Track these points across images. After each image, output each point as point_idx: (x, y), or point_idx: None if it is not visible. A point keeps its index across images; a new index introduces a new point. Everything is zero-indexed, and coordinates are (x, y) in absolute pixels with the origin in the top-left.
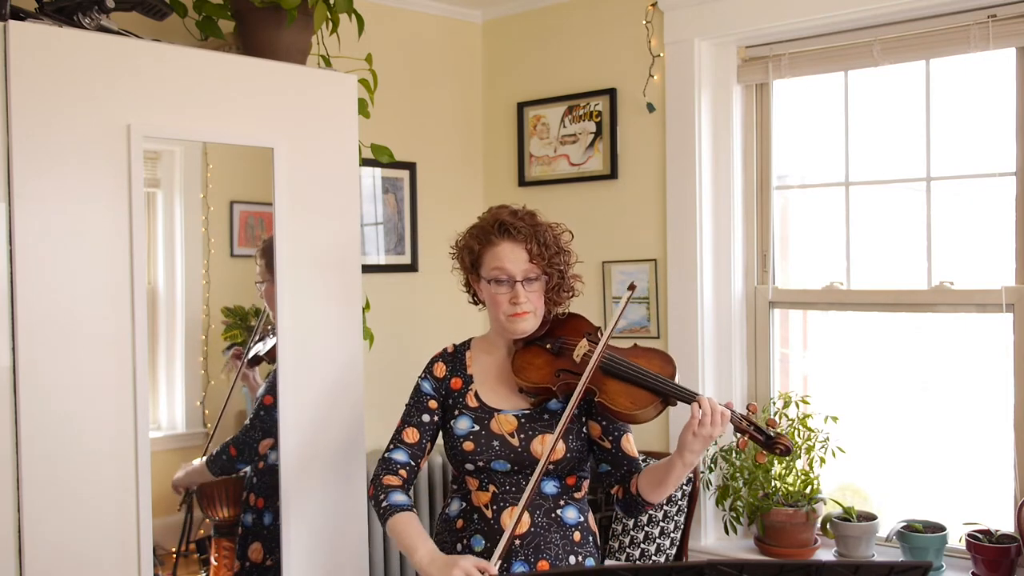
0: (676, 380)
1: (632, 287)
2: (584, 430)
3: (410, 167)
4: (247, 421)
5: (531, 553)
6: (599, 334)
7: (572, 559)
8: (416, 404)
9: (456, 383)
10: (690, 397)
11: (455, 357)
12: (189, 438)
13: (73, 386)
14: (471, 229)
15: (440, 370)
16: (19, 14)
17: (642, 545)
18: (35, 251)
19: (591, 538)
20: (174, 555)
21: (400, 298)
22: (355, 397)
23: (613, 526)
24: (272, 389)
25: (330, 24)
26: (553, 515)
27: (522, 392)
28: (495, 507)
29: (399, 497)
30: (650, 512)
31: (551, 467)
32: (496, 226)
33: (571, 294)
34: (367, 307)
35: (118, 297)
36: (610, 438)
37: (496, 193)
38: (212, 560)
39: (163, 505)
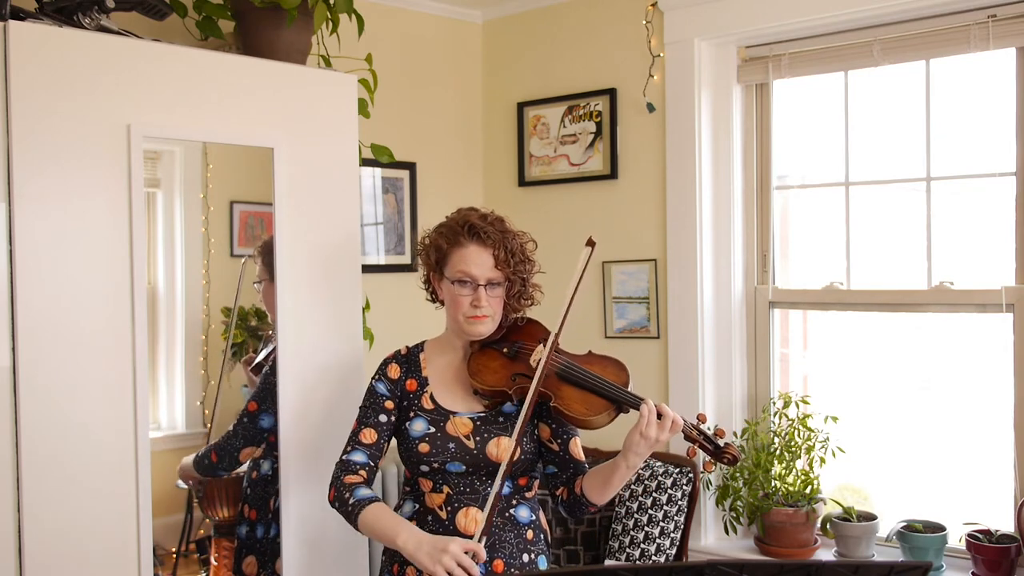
0: (630, 387)
1: (591, 243)
2: (535, 432)
3: (410, 167)
4: (230, 427)
5: (486, 552)
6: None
7: (525, 557)
8: (372, 405)
9: (411, 385)
10: (639, 403)
11: (409, 359)
12: (189, 438)
13: (73, 386)
14: (439, 227)
15: (394, 371)
16: (19, 14)
17: (642, 545)
18: (35, 251)
19: (543, 536)
20: (174, 555)
21: (400, 298)
22: (355, 397)
23: (613, 526)
24: (258, 395)
25: (330, 24)
26: (507, 514)
27: (477, 394)
28: (450, 508)
29: (364, 491)
30: (593, 510)
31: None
32: (466, 228)
33: (530, 302)
34: (367, 307)
35: (118, 297)
36: (559, 441)
37: (496, 193)
38: (212, 560)
39: (163, 505)
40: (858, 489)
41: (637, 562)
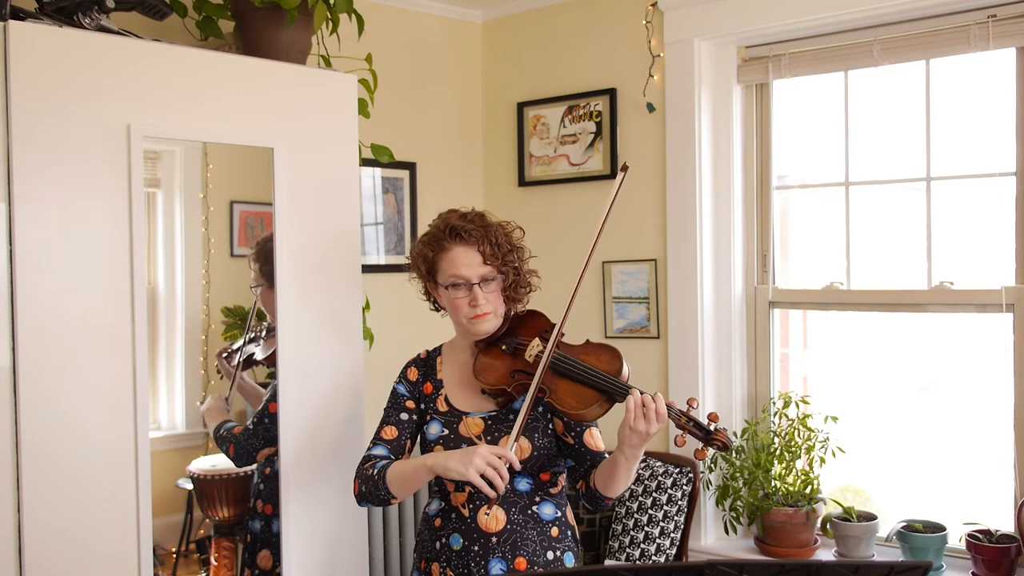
0: (624, 376)
1: (624, 168)
2: (551, 427)
3: (410, 167)
4: (249, 425)
5: (508, 550)
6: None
7: (550, 555)
8: (393, 405)
9: (427, 388)
10: (626, 393)
11: (427, 363)
12: (189, 438)
13: (73, 386)
14: (423, 237)
15: (413, 374)
16: (19, 14)
17: (642, 545)
18: (35, 251)
19: (570, 533)
20: (174, 555)
21: (400, 298)
22: (355, 397)
23: (613, 526)
24: (277, 396)
25: (330, 24)
26: (529, 512)
27: (485, 393)
28: (471, 506)
29: (384, 462)
30: (609, 503)
31: (520, 466)
32: (447, 231)
33: (528, 290)
34: (367, 307)
35: (118, 297)
36: (572, 434)
37: (496, 193)
38: (212, 560)
39: (163, 505)
40: (859, 490)
41: (637, 562)
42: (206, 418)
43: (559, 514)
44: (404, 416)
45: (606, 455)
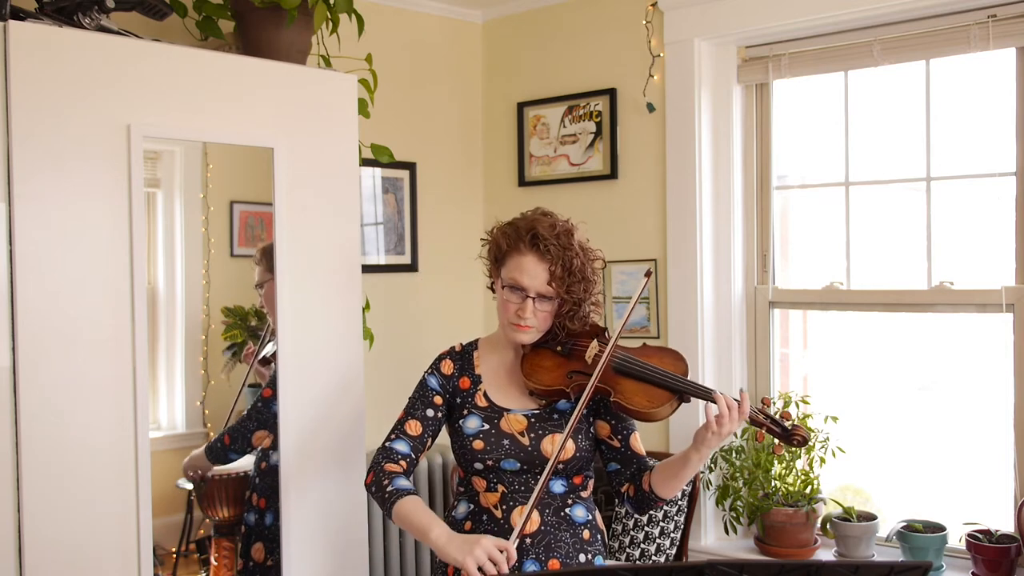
0: (689, 377)
1: (649, 273)
2: (592, 430)
3: (410, 167)
4: (244, 411)
5: (542, 552)
6: (607, 335)
7: (582, 557)
8: (421, 398)
9: (464, 383)
10: (707, 394)
11: (463, 356)
12: (189, 438)
13: (73, 386)
14: (506, 226)
15: (448, 367)
16: (19, 14)
17: (642, 545)
18: (35, 251)
19: (599, 536)
20: (174, 555)
21: (400, 298)
22: (355, 397)
23: (613, 526)
24: (273, 383)
25: (330, 24)
26: (562, 514)
27: (533, 395)
28: (505, 507)
29: (403, 482)
30: (652, 512)
31: (560, 467)
32: (529, 235)
33: (584, 324)
34: (367, 307)
35: (118, 297)
36: (619, 437)
37: (496, 193)
38: (212, 560)
39: (163, 505)
40: (859, 490)
41: (637, 562)
42: (194, 460)
43: (590, 517)
44: (430, 413)
45: (647, 459)
